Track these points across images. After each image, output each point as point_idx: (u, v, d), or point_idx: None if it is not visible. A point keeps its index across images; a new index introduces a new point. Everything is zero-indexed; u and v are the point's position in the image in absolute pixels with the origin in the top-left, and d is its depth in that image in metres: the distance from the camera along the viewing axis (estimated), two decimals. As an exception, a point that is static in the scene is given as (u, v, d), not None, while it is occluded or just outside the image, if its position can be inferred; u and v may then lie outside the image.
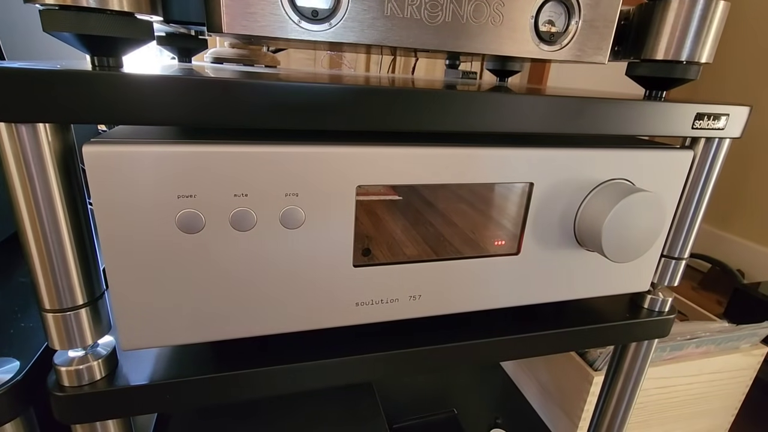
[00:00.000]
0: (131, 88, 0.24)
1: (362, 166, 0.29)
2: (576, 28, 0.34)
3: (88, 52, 0.26)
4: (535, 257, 0.37)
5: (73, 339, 0.29)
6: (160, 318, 0.29)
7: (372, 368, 0.36)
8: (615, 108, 0.34)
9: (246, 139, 0.28)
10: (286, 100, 0.26)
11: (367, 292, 0.33)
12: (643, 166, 0.37)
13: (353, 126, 0.28)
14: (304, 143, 0.28)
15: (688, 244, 0.42)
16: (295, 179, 0.28)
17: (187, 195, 0.26)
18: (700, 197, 0.40)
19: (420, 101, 0.29)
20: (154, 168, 0.26)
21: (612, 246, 0.34)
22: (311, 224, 0.30)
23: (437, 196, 0.33)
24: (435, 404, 0.64)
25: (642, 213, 0.34)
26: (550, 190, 0.35)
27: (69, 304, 0.28)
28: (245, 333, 0.32)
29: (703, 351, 0.66)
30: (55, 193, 0.25)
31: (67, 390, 0.29)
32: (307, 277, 0.31)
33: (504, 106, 0.31)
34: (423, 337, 0.37)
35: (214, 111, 0.26)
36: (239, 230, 0.28)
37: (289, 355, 0.34)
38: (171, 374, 0.31)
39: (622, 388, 0.50)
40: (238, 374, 0.32)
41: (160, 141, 0.26)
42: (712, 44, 0.35)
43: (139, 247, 0.27)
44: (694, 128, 0.36)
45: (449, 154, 0.31)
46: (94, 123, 0.24)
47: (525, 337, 0.39)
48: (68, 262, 0.27)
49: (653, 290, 0.45)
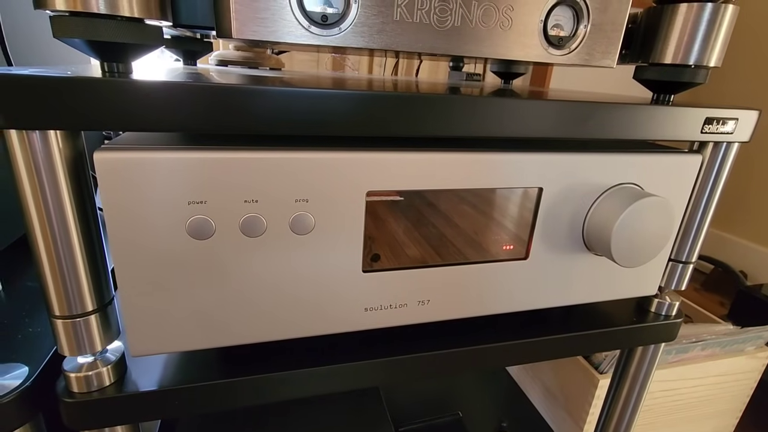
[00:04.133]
0: (142, 95, 0.24)
1: (372, 171, 0.29)
2: (585, 32, 0.34)
3: (99, 58, 0.26)
4: (543, 262, 0.37)
5: (83, 345, 0.29)
6: (170, 324, 0.29)
7: (380, 373, 0.36)
8: (624, 112, 0.34)
9: (255, 145, 0.28)
10: (295, 106, 0.26)
11: (376, 297, 0.33)
12: (652, 171, 0.37)
13: (362, 132, 0.28)
14: (314, 149, 0.28)
15: (695, 248, 0.42)
16: (305, 185, 0.28)
17: (197, 201, 0.26)
18: (708, 201, 0.40)
19: (430, 106, 0.29)
20: (165, 174, 0.25)
21: (621, 251, 0.34)
22: (321, 230, 0.30)
23: (446, 201, 0.33)
24: (440, 407, 0.64)
25: (651, 217, 0.34)
26: (559, 194, 0.35)
27: (79, 310, 0.28)
28: (254, 339, 0.31)
29: (709, 354, 0.66)
30: (65, 200, 0.25)
31: (76, 396, 0.29)
32: (317, 283, 0.31)
33: (513, 111, 0.31)
34: (431, 341, 0.37)
35: (223, 117, 0.25)
36: (249, 236, 0.28)
37: (298, 360, 0.34)
38: (180, 380, 0.31)
39: (628, 392, 0.50)
40: (246, 380, 0.32)
41: (170, 147, 0.26)
42: (720, 48, 0.35)
43: (149, 254, 0.27)
44: (703, 132, 0.36)
45: (459, 159, 0.31)
46: (105, 129, 0.24)
47: (533, 341, 0.39)
48: (78, 268, 0.27)
49: (660, 294, 0.44)
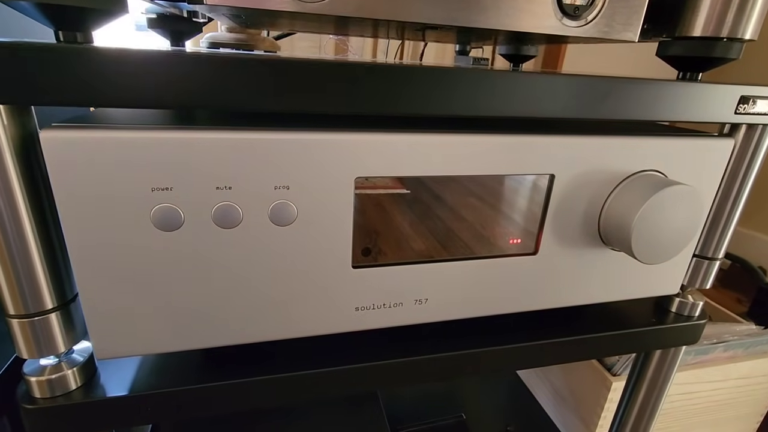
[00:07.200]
0: (98, 64, 0.21)
1: (361, 155, 0.26)
2: (604, 1, 0.30)
3: (52, 26, 0.23)
4: (554, 257, 0.33)
5: (43, 347, 0.26)
6: (137, 324, 0.26)
7: (374, 378, 0.33)
8: (647, 90, 0.30)
9: (230, 125, 0.24)
10: (275, 79, 0.23)
11: (368, 295, 0.30)
12: (678, 156, 0.33)
13: (350, 109, 0.25)
14: (295, 129, 0.25)
15: (723, 243, 0.38)
16: (286, 170, 0.25)
17: (162, 188, 0.23)
18: (740, 191, 0.36)
19: (426, 81, 0.25)
20: (123, 157, 0.22)
21: (642, 246, 0.31)
22: (304, 220, 0.26)
23: (446, 189, 0.30)
24: (442, 409, 0.61)
25: (676, 209, 0.31)
26: (572, 182, 0.31)
27: (36, 309, 0.25)
28: (232, 341, 0.29)
29: (730, 355, 0.62)
30: (14, 185, 0.22)
31: (38, 402, 0.27)
32: (301, 279, 0.28)
33: (521, 87, 0.27)
34: (430, 343, 0.34)
35: (192, 92, 0.22)
36: (223, 227, 0.25)
37: (282, 364, 0.31)
38: (154, 384, 0.29)
39: (645, 397, 0.46)
40: (225, 385, 0.29)
41: (129, 126, 0.23)
42: (758, 18, 0.31)
43: (109, 247, 0.24)
44: (737, 113, 0.32)
45: (460, 141, 0.28)
46: (57, 104, 0.21)
47: (542, 344, 0.36)
48: (33, 262, 0.24)
49: (682, 293, 0.41)
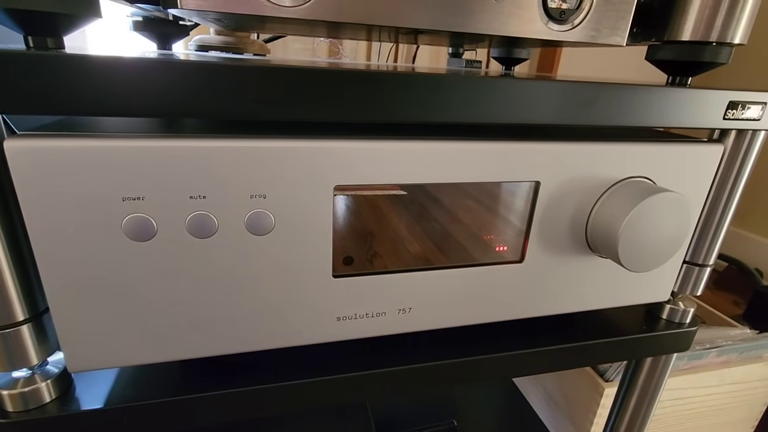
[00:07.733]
0: (63, 72, 0.20)
1: (340, 163, 0.25)
2: (590, 5, 0.29)
3: (21, 31, 0.22)
4: (541, 265, 0.33)
5: (15, 359, 0.25)
6: (111, 336, 0.26)
7: (358, 388, 0.32)
8: (634, 95, 0.29)
9: (205, 133, 0.24)
10: (254, 85, 0.23)
11: (350, 305, 0.29)
12: (666, 163, 0.32)
13: (328, 116, 0.24)
14: (271, 137, 0.24)
15: (714, 249, 0.37)
16: (263, 178, 0.24)
17: (133, 197, 0.23)
18: (729, 197, 0.35)
19: (406, 87, 0.25)
20: (92, 166, 0.22)
21: (629, 254, 0.30)
22: (282, 230, 0.26)
23: (429, 197, 0.29)
24: (432, 415, 0.61)
25: (664, 216, 0.30)
26: (558, 189, 0.31)
27: (6, 321, 0.24)
28: (211, 352, 0.28)
29: (724, 360, 0.61)
30: (-21, 196, 0.22)
31: (11, 416, 0.26)
32: (280, 290, 0.27)
33: (505, 93, 0.27)
34: (416, 353, 0.33)
35: (165, 98, 0.22)
36: (198, 237, 0.25)
37: (264, 374, 0.30)
38: (131, 396, 0.28)
39: (637, 404, 0.46)
40: (205, 396, 0.29)
41: (98, 135, 0.22)
42: (747, 22, 0.31)
43: (80, 258, 0.23)
44: (726, 119, 0.31)
45: (442, 149, 0.27)
46: (22, 113, 0.21)
47: (530, 352, 0.35)
48: (2, 274, 0.23)
49: (673, 299, 0.40)
